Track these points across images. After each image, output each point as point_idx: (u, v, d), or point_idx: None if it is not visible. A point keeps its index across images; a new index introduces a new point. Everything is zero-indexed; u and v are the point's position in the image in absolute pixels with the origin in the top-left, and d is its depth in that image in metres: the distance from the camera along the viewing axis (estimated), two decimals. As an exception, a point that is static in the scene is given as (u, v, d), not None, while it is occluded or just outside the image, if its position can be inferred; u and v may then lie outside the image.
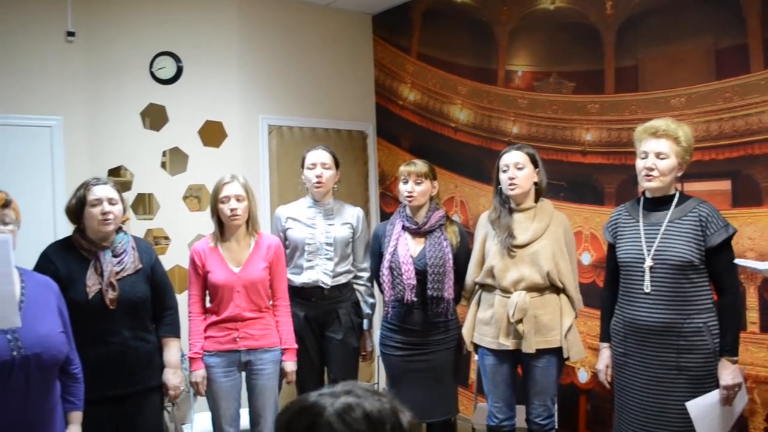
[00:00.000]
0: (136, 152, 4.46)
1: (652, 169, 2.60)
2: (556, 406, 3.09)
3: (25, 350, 1.99)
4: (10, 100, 4.12)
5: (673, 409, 2.54)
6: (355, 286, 3.44)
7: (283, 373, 3.12)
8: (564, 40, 3.95)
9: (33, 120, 4.20)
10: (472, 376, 4.33)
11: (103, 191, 2.65)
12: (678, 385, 2.54)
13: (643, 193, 2.73)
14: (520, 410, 3.14)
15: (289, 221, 3.37)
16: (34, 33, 4.21)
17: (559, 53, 3.97)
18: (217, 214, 3.08)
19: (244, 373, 3.11)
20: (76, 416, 2.30)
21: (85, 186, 2.68)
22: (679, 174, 2.63)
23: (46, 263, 2.59)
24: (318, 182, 3.32)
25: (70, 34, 4.29)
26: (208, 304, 3.12)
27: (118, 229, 2.74)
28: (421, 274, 3.13)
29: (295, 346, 3.14)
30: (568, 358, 3.01)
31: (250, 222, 3.11)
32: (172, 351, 2.85)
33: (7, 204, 2.05)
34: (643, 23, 3.53)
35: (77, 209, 2.66)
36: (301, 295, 3.29)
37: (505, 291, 2.99)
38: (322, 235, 3.33)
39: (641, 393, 2.63)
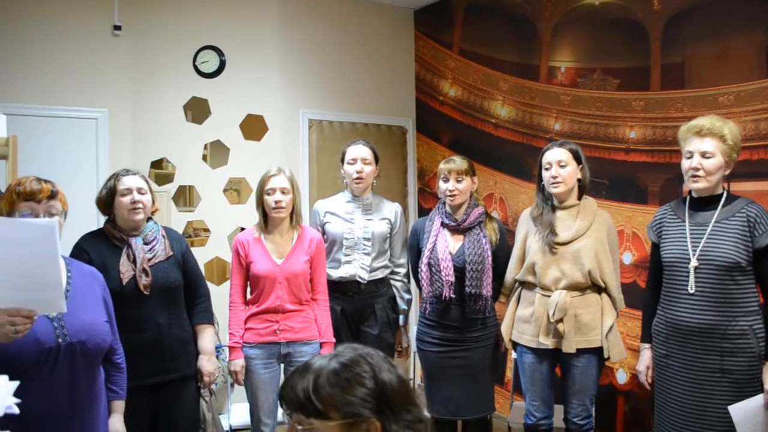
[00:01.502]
0: (179, 145, 4.53)
1: (697, 169, 2.54)
2: (593, 407, 3.04)
3: (71, 337, 2.02)
4: (58, 92, 4.22)
5: (715, 412, 2.49)
6: (392, 282, 3.44)
7: None
8: (609, 36, 3.88)
9: (79, 112, 4.29)
10: (509, 374, 4.30)
11: (133, 181, 2.70)
12: (721, 389, 2.49)
13: (690, 192, 2.67)
14: (558, 410, 3.10)
15: (328, 215, 3.39)
16: (82, 27, 4.29)
17: (604, 49, 3.91)
18: (262, 206, 3.11)
19: (282, 365, 3.14)
20: (119, 405, 2.34)
21: (115, 177, 2.73)
22: (726, 173, 2.57)
23: (80, 253, 2.64)
24: (358, 178, 3.32)
25: (117, 28, 4.37)
26: (249, 296, 3.15)
27: (148, 219, 2.79)
28: (459, 270, 3.12)
29: (333, 339, 3.15)
30: (608, 359, 2.96)
31: (294, 215, 3.13)
32: (207, 338, 2.89)
33: (53, 195, 2.09)
34: (691, 18, 3.45)
35: (107, 199, 2.72)
36: (337, 289, 3.30)
37: (546, 289, 2.96)
38: (360, 230, 3.33)
39: (682, 395, 2.58)
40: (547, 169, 3.00)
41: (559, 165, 2.97)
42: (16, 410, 1.05)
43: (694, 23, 3.43)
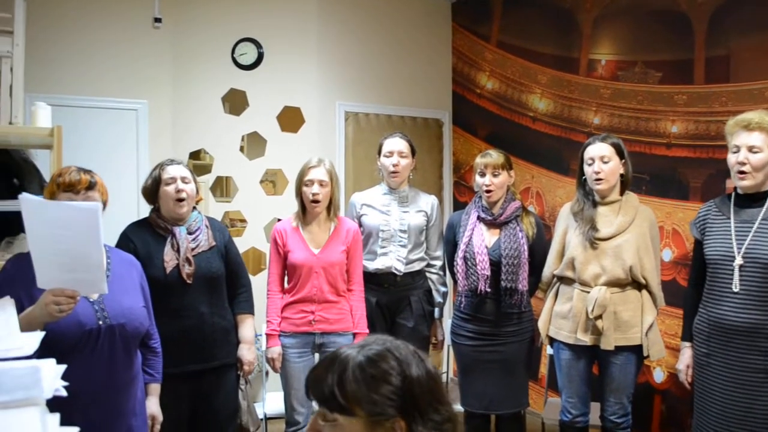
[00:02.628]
0: (217, 136, 4.58)
1: (744, 164, 2.48)
2: (631, 405, 3.00)
3: (110, 320, 2.08)
4: (99, 83, 4.30)
5: (759, 413, 2.43)
6: (428, 274, 3.43)
7: None
8: (651, 28, 3.80)
9: (120, 103, 4.37)
10: (543, 370, 4.27)
11: (177, 170, 2.75)
12: (765, 390, 2.42)
13: (735, 188, 2.61)
14: (594, 407, 3.07)
15: (364, 208, 3.39)
16: (123, 20, 4.37)
17: (646, 42, 3.83)
18: (300, 196, 3.13)
19: (317, 355, 3.16)
20: (155, 388, 2.39)
21: (160, 166, 2.78)
22: (774, 168, 2.50)
23: (126, 242, 2.70)
24: (394, 171, 3.31)
25: (157, 20, 4.43)
26: (286, 285, 3.18)
27: (192, 209, 2.83)
28: (495, 264, 3.10)
29: (367, 331, 3.16)
30: (647, 357, 2.92)
31: (332, 206, 3.15)
32: (247, 327, 2.93)
33: (91, 186, 2.14)
34: (736, 10, 3.35)
35: (152, 189, 2.77)
36: (373, 281, 3.31)
37: (585, 284, 2.92)
38: (396, 222, 3.33)
39: (724, 396, 2.52)
40: (589, 164, 2.96)
41: (602, 160, 2.92)
42: (64, 393, 1.07)
43: (740, 15, 3.34)
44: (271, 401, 3.67)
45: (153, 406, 2.37)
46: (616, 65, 4.01)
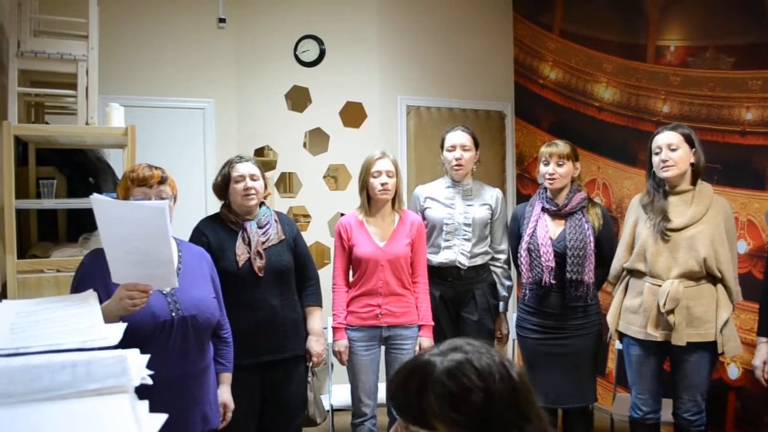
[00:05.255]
0: (280, 133, 4.66)
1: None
2: (705, 403, 2.91)
3: (183, 311, 2.15)
4: (167, 83, 4.43)
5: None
6: (492, 268, 3.41)
7: (419, 349, 3.16)
8: (723, 11, 3.66)
9: (187, 102, 4.49)
10: (610, 365, 4.18)
11: (246, 168, 2.81)
12: None
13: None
14: (666, 403, 2.99)
15: (428, 201, 3.39)
16: (189, 22, 4.49)
17: (717, 26, 3.69)
18: (366, 189, 3.15)
19: (383, 348, 3.18)
20: (227, 377, 2.46)
21: (229, 164, 2.85)
22: None
23: (199, 236, 2.79)
24: (457, 164, 3.30)
25: (222, 20, 4.53)
26: (351, 278, 3.21)
27: (261, 204, 2.89)
28: (560, 256, 3.05)
29: (432, 323, 3.17)
30: (722, 354, 2.81)
31: (397, 199, 3.17)
32: (316, 319, 2.98)
33: (163, 181, 2.22)
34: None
35: (223, 186, 2.85)
36: (437, 274, 3.30)
37: (656, 277, 2.84)
38: (460, 216, 3.32)
39: (805, 394, 2.42)
40: (656, 153, 2.88)
41: (669, 149, 2.84)
42: (149, 381, 1.12)
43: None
44: (337, 393, 3.72)
45: (225, 394, 2.43)
46: (685, 51, 3.88)
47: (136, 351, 1.08)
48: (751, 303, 3.11)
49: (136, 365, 1.03)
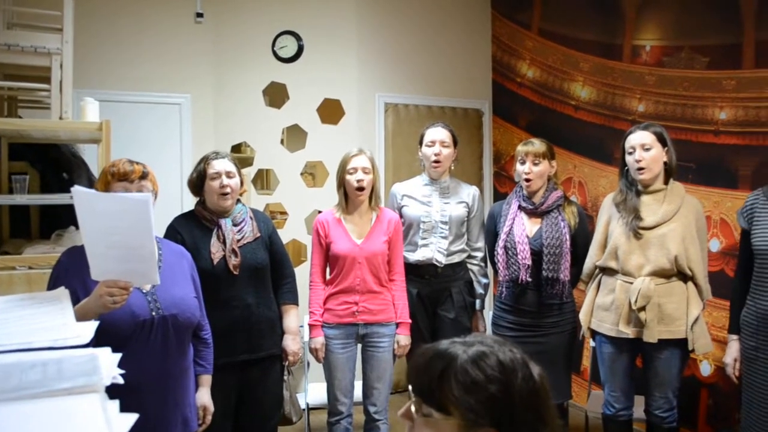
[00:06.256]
0: (258, 129, 4.63)
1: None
2: (676, 400, 2.95)
3: (163, 311, 2.12)
4: (144, 78, 4.38)
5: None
6: (469, 266, 3.42)
7: (396, 346, 3.16)
8: (698, 11, 3.71)
9: (164, 97, 4.45)
10: (585, 362, 4.22)
11: (222, 165, 2.78)
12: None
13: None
14: (638, 400, 3.03)
15: (405, 198, 3.39)
16: (166, 16, 4.44)
17: (692, 26, 3.74)
18: (343, 186, 3.14)
19: (359, 345, 3.18)
20: (206, 379, 2.43)
21: (205, 160, 2.83)
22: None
23: (173, 234, 2.75)
24: (436, 160, 3.31)
25: (199, 15, 4.49)
26: (328, 276, 3.20)
27: (237, 201, 2.87)
28: (536, 254, 3.07)
29: (409, 320, 3.18)
30: (693, 351, 2.85)
31: (374, 196, 3.17)
32: (292, 318, 2.97)
33: (144, 176, 2.19)
34: (790, -7, 3.25)
35: (198, 182, 2.82)
36: (414, 272, 3.31)
37: (628, 275, 2.88)
38: (437, 213, 3.33)
39: (774, 390, 2.46)
40: (630, 153, 2.91)
41: (643, 148, 2.87)
42: (121, 380, 1.10)
43: (793, -3, 3.24)
44: (313, 391, 3.71)
45: (204, 396, 2.40)
46: (661, 51, 3.93)
47: (107, 350, 1.07)
48: (723, 301, 3.16)
49: (108, 364, 1.02)
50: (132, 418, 0.97)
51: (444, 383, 1.08)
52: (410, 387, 1.14)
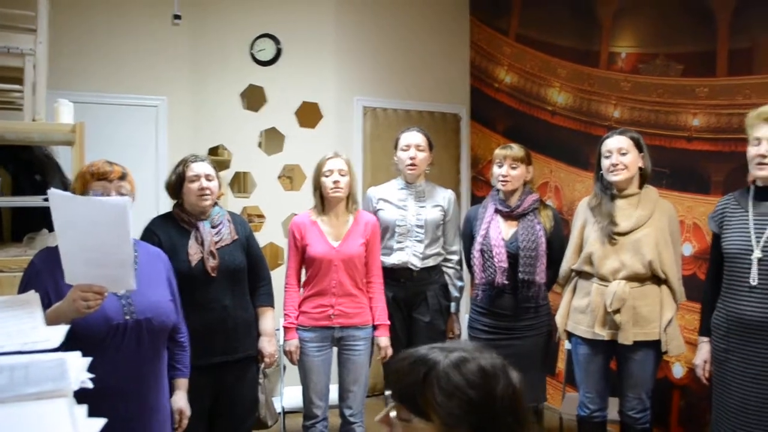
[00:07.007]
0: (235, 132, 4.61)
1: (765, 157, 2.45)
2: (650, 401, 2.98)
3: (138, 315, 2.10)
4: (120, 80, 4.35)
5: (778, 409, 2.41)
6: (444, 269, 3.43)
7: (377, 349, 3.17)
8: (673, 20, 3.76)
9: (140, 100, 4.41)
10: (560, 365, 4.26)
11: (201, 168, 2.77)
12: (784, 386, 2.40)
13: (754, 181, 2.58)
14: (613, 402, 3.06)
15: (381, 202, 3.40)
16: (143, 17, 4.41)
17: (668, 34, 3.79)
18: (319, 189, 3.14)
19: (335, 349, 3.18)
20: (182, 383, 2.41)
21: (184, 163, 2.81)
22: (796, 162, 2.47)
23: (150, 236, 2.73)
24: (411, 164, 3.32)
25: (177, 17, 4.46)
26: (303, 278, 3.20)
27: (214, 204, 2.86)
28: (512, 257, 3.10)
29: (388, 322, 3.18)
30: (666, 352, 2.90)
31: (350, 198, 3.17)
32: (268, 320, 2.96)
33: (123, 176, 2.17)
34: (762, 2, 3.31)
35: (177, 185, 2.81)
36: (390, 276, 3.31)
37: (604, 279, 2.91)
38: (413, 217, 3.34)
39: (742, 391, 2.50)
40: (606, 157, 2.95)
41: (620, 153, 2.91)
42: (90, 384, 1.09)
43: (765, 6, 3.29)
44: (288, 395, 3.70)
45: (180, 400, 2.38)
46: (636, 58, 3.98)
47: (77, 354, 1.06)
48: (695, 304, 3.20)
49: (76, 369, 1.01)
50: (100, 423, 0.97)
51: (426, 388, 1.09)
52: (390, 392, 1.14)
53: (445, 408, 1.07)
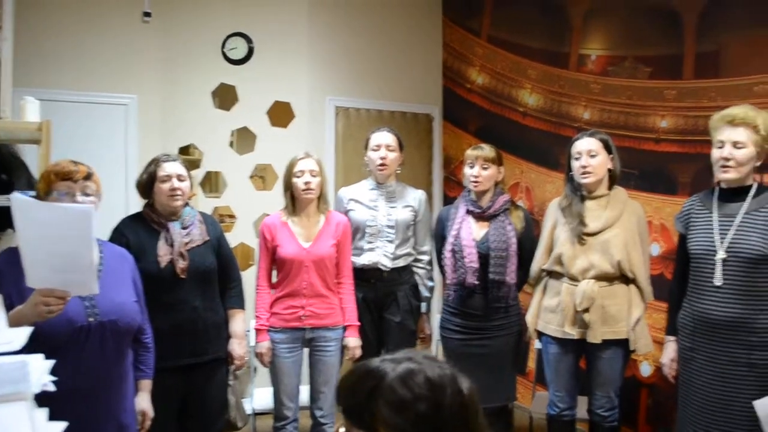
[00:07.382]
0: (206, 131, 4.57)
1: (728, 159, 2.50)
2: (618, 399, 3.02)
3: (101, 317, 2.07)
4: (88, 78, 4.28)
5: (740, 407, 2.45)
6: (415, 269, 3.44)
7: (345, 349, 3.16)
8: (642, 23, 3.81)
9: (109, 98, 4.36)
10: (531, 364, 4.29)
11: (173, 168, 2.74)
12: (747, 383, 2.44)
13: (718, 183, 2.63)
14: (582, 401, 3.09)
15: (351, 203, 3.39)
16: (113, 14, 4.35)
17: (636, 37, 3.84)
18: (290, 190, 3.12)
19: (306, 350, 3.16)
20: (146, 384, 2.39)
21: (156, 162, 2.77)
22: (758, 164, 2.52)
23: (119, 237, 2.70)
24: (382, 164, 3.32)
25: (147, 14, 4.41)
26: (274, 279, 3.18)
27: (185, 204, 2.83)
28: (483, 257, 3.11)
29: (358, 323, 3.18)
30: (634, 351, 2.94)
31: (321, 199, 3.16)
32: (238, 322, 2.94)
33: (89, 176, 2.14)
34: (728, 5, 3.37)
35: (147, 184, 2.77)
36: (360, 276, 3.31)
37: (573, 279, 2.94)
38: (383, 218, 3.34)
39: (707, 389, 2.54)
40: (576, 159, 2.98)
41: (589, 155, 2.94)
42: (52, 387, 1.07)
43: (731, 10, 3.35)
44: (259, 397, 3.67)
45: (144, 402, 2.36)
46: (606, 60, 4.02)
47: (39, 356, 1.04)
48: (663, 303, 3.24)
49: (38, 371, 0.99)
50: (60, 426, 0.95)
51: (372, 404, 1.07)
52: (341, 409, 1.12)
53: (392, 422, 1.05)
